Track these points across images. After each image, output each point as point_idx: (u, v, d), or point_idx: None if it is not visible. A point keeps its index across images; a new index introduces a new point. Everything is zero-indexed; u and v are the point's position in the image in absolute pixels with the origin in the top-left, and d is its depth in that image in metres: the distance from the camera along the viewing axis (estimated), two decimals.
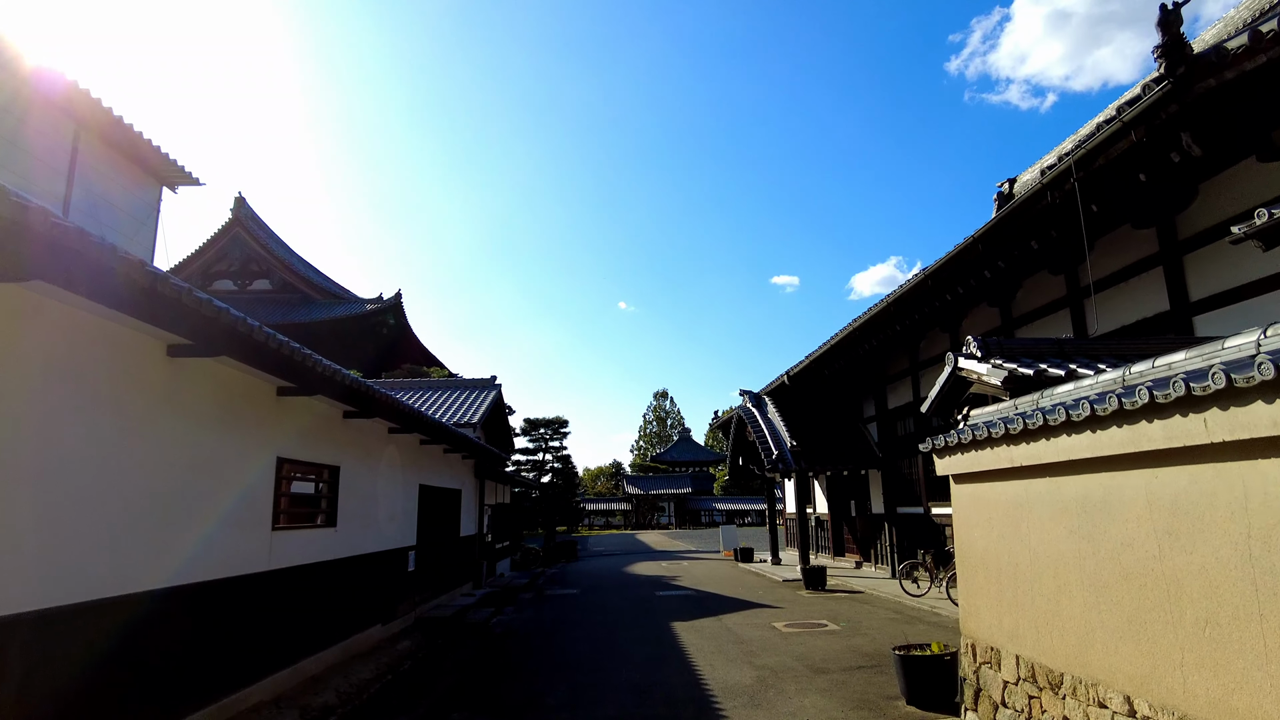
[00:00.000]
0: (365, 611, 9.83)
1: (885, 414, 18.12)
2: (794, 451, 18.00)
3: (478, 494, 18.10)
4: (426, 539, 13.29)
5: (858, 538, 20.59)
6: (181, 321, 4.63)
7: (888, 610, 12.39)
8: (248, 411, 6.74)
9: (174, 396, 5.53)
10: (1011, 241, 9.83)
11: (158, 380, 5.32)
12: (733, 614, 12.54)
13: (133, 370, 5.04)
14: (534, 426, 42.73)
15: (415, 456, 12.61)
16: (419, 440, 12.65)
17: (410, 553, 12.13)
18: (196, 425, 5.85)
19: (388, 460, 11.09)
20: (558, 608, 14.31)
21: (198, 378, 5.83)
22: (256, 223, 36.94)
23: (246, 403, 6.70)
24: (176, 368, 5.51)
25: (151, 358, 5.24)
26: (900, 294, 12.36)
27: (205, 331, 4.91)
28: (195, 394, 5.83)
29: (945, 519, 15.05)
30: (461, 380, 21.62)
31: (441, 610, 13.12)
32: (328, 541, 8.62)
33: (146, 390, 5.19)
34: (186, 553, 5.66)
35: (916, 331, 14.71)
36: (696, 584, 17.74)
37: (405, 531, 11.91)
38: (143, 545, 5.13)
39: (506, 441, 24.07)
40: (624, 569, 23.59)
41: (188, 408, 5.72)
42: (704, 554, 30.36)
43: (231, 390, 6.42)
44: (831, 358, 16.27)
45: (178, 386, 5.57)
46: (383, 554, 10.65)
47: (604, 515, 75.07)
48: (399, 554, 11.50)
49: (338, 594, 8.83)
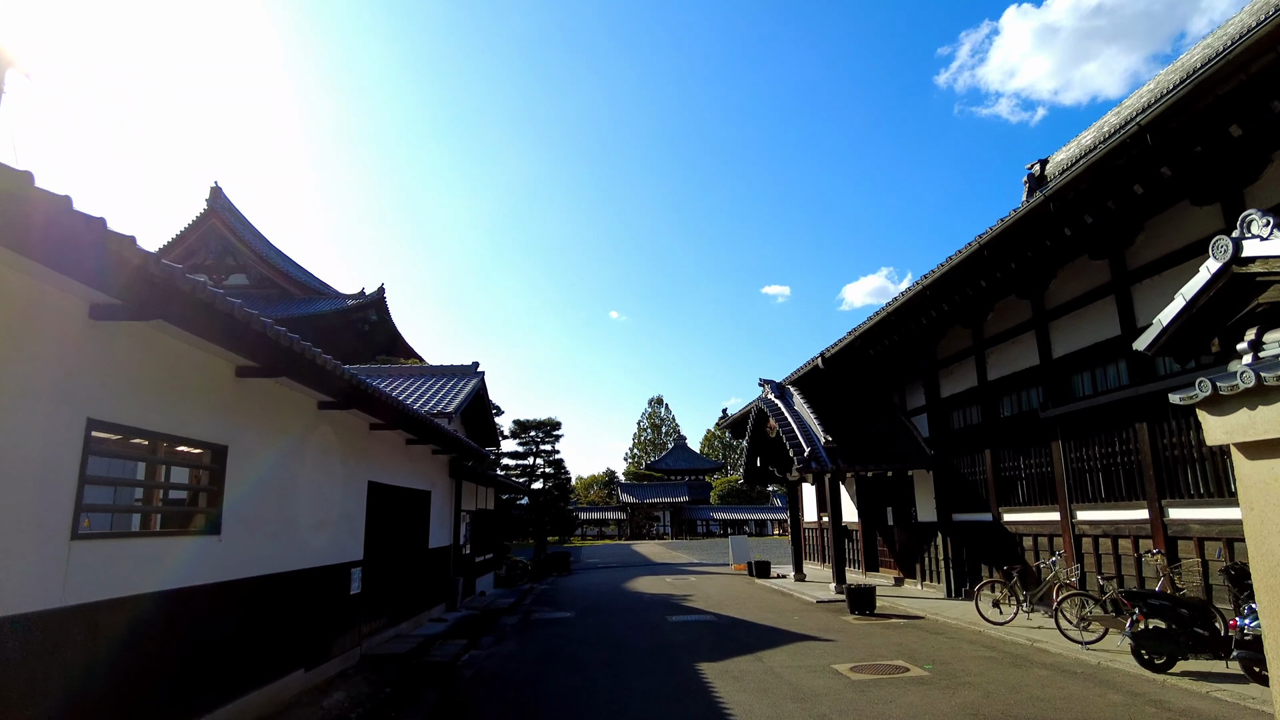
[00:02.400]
0: (275, 654, 6.95)
1: (938, 404, 15.36)
2: (829, 448, 15.21)
3: (453, 497, 15.20)
4: (380, 552, 10.41)
5: (896, 550, 17.78)
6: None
7: (974, 645, 9.59)
8: (34, 347, 3.94)
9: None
10: None
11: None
12: (774, 650, 9.70)
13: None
14: (524, 429, 39.74)
15: (363, 446, 9.75)
16: (368, 425, 9.79)
17: (354, 570, 9.25)
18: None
19: (318, 447, 8.24)
20: (547, 638, 11.42)
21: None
22: (233, 214, 34.18)
23: (28, 330, 3.89)
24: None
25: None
26: (1014, 222, 9.51)
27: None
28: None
29: (1022, 528, 12.28)
30: (439, 367, 18.76)
31: (399, 644, 10.22)
32: (203, 556, 5.76)
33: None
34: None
35: (988, 297, 12.01)
36: (714, 606, 14.87)
37: (345, 542, 9.04)
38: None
39: (491, 440, 21.19)
40: (624, 585, 20.68)
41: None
42: (711, 567, 27.44)
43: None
44: (880, 333, 13.52)
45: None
46: (308, 573, 7.78)
47: (597, 525, 72.00)
48: (335, 572, 8.63)
49: (221, 633, 5.97)
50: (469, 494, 16.97)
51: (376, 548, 10.23)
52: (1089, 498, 10.72)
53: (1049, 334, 11.75)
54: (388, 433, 10.52)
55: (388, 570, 10.80)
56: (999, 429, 13.08)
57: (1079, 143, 16.06)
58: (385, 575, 10.65)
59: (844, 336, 14.46)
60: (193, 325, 4.79)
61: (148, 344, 5.04)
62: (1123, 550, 9.99)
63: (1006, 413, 13.01)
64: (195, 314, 4.48)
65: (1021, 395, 12.60)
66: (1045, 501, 11.71)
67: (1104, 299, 10.45)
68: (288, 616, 7.25)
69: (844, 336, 14.46)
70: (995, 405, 13.32)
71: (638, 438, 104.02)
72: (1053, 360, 11.62)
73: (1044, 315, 11.83)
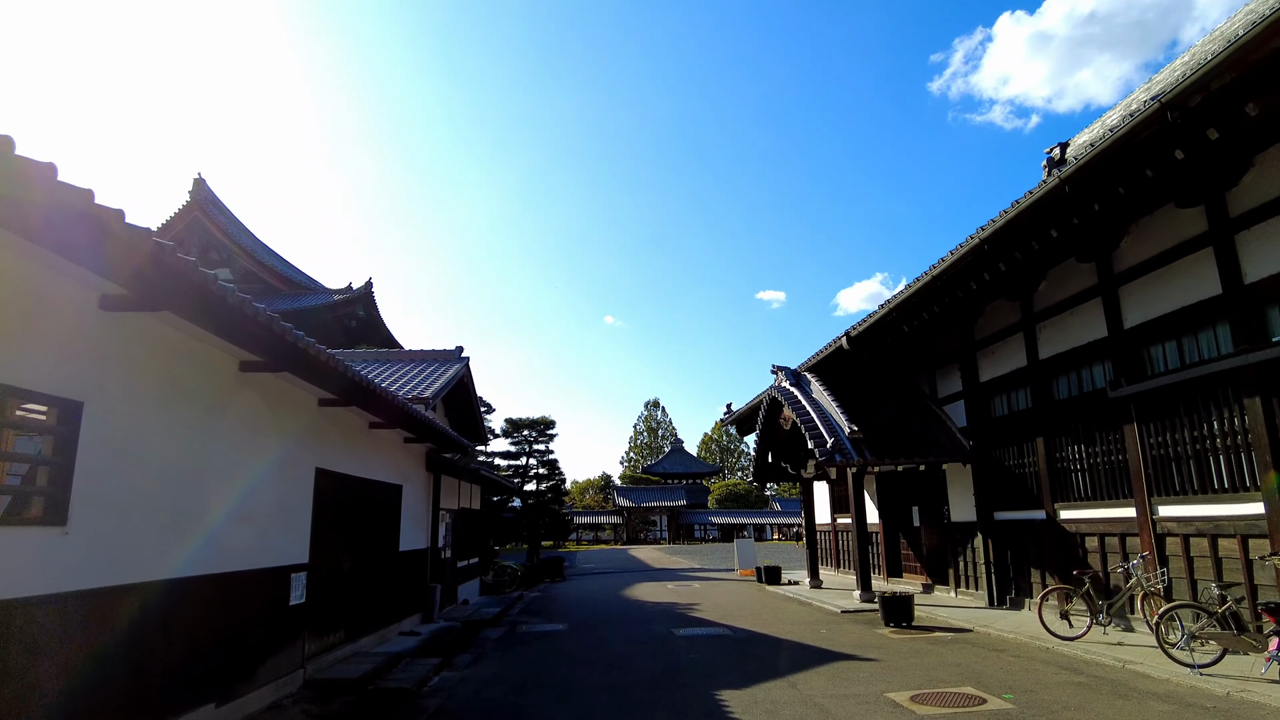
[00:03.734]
0: (162, 688, 5.23)
1: (976, 389, 13.70)
2: (854, 439, 13.53)
3: (429, 493, 13.48)
4: (333, 554, 8.70)
5: (923, 554, 16.10)
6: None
7: (1050, 667, 7.91)
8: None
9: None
10: None
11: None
12: (809, 674, 8.01)
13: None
14: (516, 428, 38.06)
15: (311, 425, 8.05)
16: (317, 401, 8.10)
17: (294, 575, 7.54)
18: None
19: (243, 420, 6.53)
20: (535, 657, 9.70)
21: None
22: (217, 207, 32.53)
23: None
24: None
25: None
26: (1105, 152, 7.95)
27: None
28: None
29: (1084, 526, 10.63)
30: (418, 352, 17.05)
31: (355, 664, 8.49)
32: (36, 556, 4.06)
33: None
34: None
35: (1043, 261, 10.41)
36: (726, 617, 13.15)
37: (282, 541, 7.32)
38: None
39: (477, 435, 19.46)
40: (623, 592, 18.94)
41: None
42: (714, 573, 25.71)
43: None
44: (918, 305, 11.85)
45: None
46: (223, 580, 6.07)
47: (592, 529, 70.19)
48: (266, 578, 6.91)
49: (68, 664, 4.25)
50: (450, 491, 15.24)
51: (328, 548, 8.51)
52: (1175, 490, 9.07)
53: (1119, 300, 10.11)
54: (343, 412, 8.81)
55: (345, 576, 9.07)
56: (1054, 413, 11.44)
57: (1103, 123, 14.72)
58: (341, 582, 8.93)
59: (875, 311, 12.79)
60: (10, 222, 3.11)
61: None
62: (1225, 552, 8.33)
63: (1063, 394, 11.36)
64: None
65: (1082, 374, 10.96)
66: (1116, 495, 10.06)
67: (1196, 253, 8.83)
68: (188, 636, 5.54)
69: (875, 311, 12.79)
70: (1048, 387, 11.68)
71: (634, 441, 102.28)
72: (1124, 331, 9.98)
73: (1112, 280, 10.21)
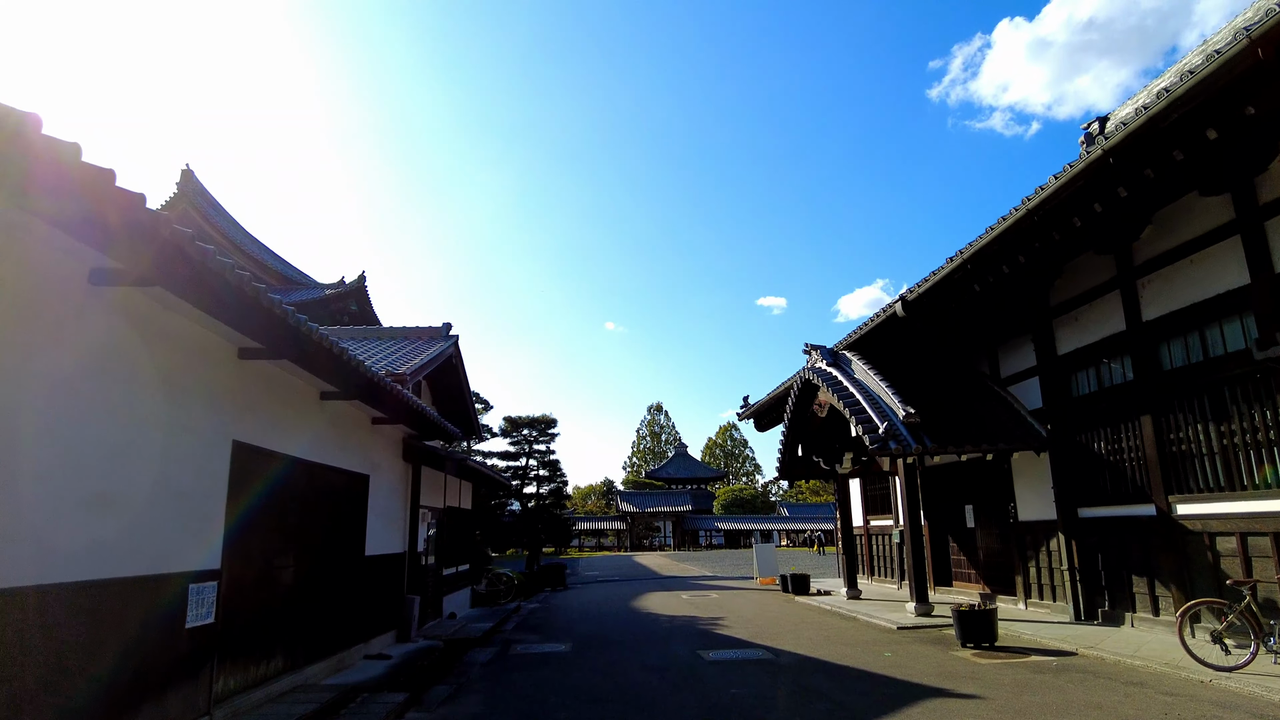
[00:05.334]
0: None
1: (1053, 364, 11.59)
2: (910, 423, 11.43)
3: (407, 488, 11.40)
4: (266, 558, 6.62)
5: (980, 560, 13.99)
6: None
7: (1225, 710, 5.80)
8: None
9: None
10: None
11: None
12: (896, 716, 5.91)
13: None
14: (516, 426, 35.88)
15: (223, 382, 5.98)
16: (236, 351, 6.04)
17: (198, 587, 5.46)
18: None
19: (92, 359, 4.48)
20: (530, 689, 7.58)
21: None
22: (206, 199, 30.73)
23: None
24: None
25: None
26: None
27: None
28: None
29: (1216, 525, 8.52)
30: (400, 329, 15.00)
31: (291, 704, 6.39)
32: None
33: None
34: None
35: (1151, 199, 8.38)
36: (761, 635, 11.03)
37: (173, 540, 5.24)
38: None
39: (468, 425, 17.36)
40: (632, 603, 16.82)
41: None
42: (730, 581, 23.57)
43: None
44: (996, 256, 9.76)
45: None
46: (53, 594, 3.99)
47: (594, 535, 67.98)
48: (144, 591, 4.83)
49: None
50: (434, 486, 13.15)
51: (256, 551, 6.43)
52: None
53: (1265, 239, 8.06)
54: (279, 372, 6.75)
55: (284, 587, 7.00)
56: (1166, 386, 9.36)
57: (1149, 91, 12.90)
58: (278, 595, 6.85)
59: (940, 267, 10.69)
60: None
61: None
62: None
63: (1178, 362, 9.28)
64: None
65: (1207, 334, 8.88)
66: (1267, 484, 7.97)
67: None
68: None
69: (940, 267, 10.69)
70: (1154, 354, 9.60)
71: (636, 445, 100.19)
72: (1275, 276, 7.92)
73: (1254, 213, 8.16)
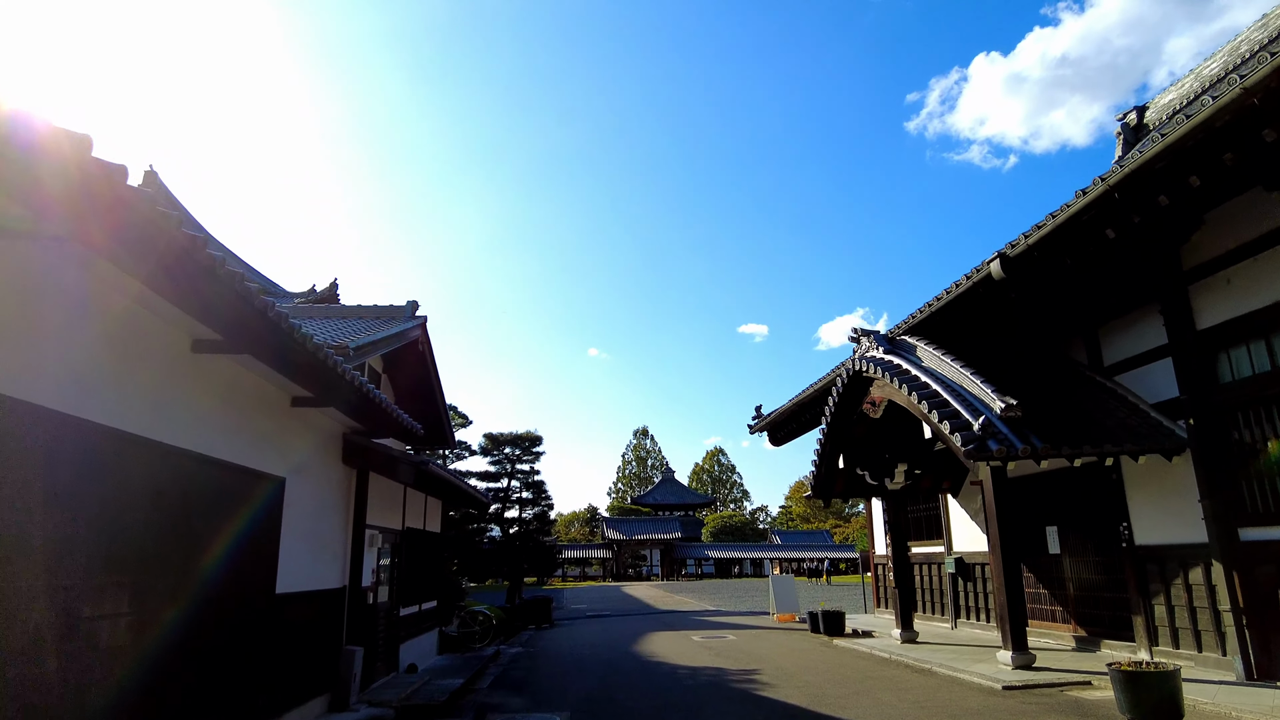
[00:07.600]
0: None
1: (1189, 342, 9.03)
2: (1008, 419, 8.79)
3: (348, 501, 8.50)
4: (63, 600, 3.73)
5: (1069, 594, 11.30)
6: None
7: None
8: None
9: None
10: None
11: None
12: None
13: None
14: (497, 444, 32.84)
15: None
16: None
17: None
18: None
19: None
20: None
21: None
22: (171, 204, 28.00)
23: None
24: None
25: None
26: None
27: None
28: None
29: None
30: (359, 308, 12.19)
31: None
32: None
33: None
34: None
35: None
36: (822, 702, 8.19)
37: None
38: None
39: (439, 434, 14.48)
40: (636, 647, 13.87)
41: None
42: (739, 616, 20.63)
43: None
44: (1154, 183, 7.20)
45: None
46: None
47: (579, 564, 64.47)
48: None
49: None
50: (387, 501, 10.23)
51: (37, 587, 3.57)
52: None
53: None
54: (92, 282, 3.98)
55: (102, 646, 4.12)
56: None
57: (1197, 75, 11.35)
58: (87, 661, 3.97)
59: (1057, 211, 8.13)
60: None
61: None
62: None
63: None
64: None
65: None
66: None
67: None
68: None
69: (1057, 211, 8.13)
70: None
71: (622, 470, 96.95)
72: None
73: None
